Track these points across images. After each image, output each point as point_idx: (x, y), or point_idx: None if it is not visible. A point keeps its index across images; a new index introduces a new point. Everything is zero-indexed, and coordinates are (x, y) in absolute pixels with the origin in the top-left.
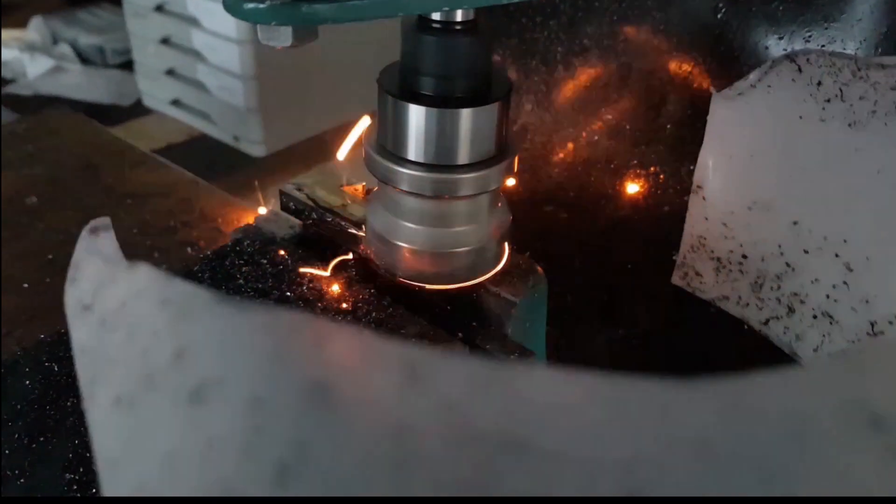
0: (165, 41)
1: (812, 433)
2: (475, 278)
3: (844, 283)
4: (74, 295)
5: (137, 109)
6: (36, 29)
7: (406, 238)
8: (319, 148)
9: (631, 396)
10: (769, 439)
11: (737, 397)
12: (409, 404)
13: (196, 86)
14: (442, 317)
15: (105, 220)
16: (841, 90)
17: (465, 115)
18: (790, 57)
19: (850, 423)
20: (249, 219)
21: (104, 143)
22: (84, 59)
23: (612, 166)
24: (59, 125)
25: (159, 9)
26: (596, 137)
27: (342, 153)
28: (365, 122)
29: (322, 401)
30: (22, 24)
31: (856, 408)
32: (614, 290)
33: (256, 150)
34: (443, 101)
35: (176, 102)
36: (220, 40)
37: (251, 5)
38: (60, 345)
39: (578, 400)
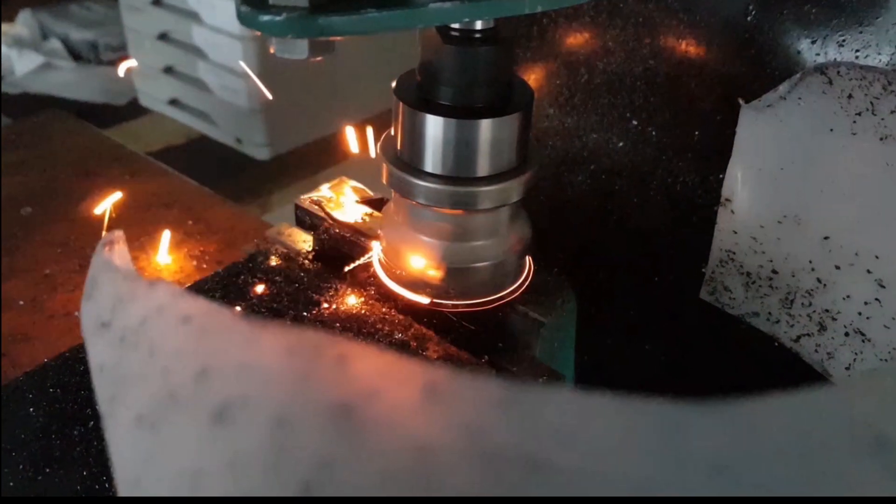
0: (163, 37)
1: (821, 455)
2: (495, 295)
3: (877, 299)
4: (92, 311)
5: (133, 109)
6: (24, 23)
7: (423, 252)
8: (327, 150)
9: (648, 419)
10: (780, 462)
11: (750, 420)
12: (430, 425)
13: (196, 84)
14: (466, 338)
15: (119, 234)
16: (872, 104)
17: (485, 125)
18: (820, 69)
19: (858, 445)
20: (258, 231)
21: (102, 150)
22: (76, 55)
23: (638, 176)
24: (53, 130)
25: (157, 2)
26: (621, 144)
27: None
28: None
29: (345, 421)
30: (10, 17)
31: (864, 430)
32: (641, 305)
33: (260, 152)
34: (462, 111)
35: (174, 102)
36: (222, 36)
37: (267, 17)
38: (65, 369)
39: (597, 422)
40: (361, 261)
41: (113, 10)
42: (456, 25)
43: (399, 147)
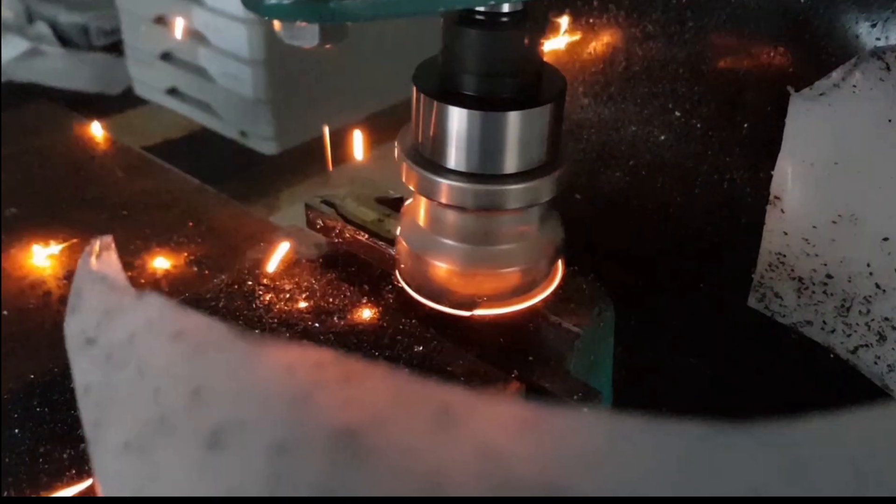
0: (161, 20)
1: (876, 484)
2: (525, 303)
3: None
4: (76, 326)
5: (127, 99)
6: (8, 5)
7: (445, 257)
8: (341, 145)
9: (682, 443)
10: (826, 491)
11: (794, 444)
12: (442, 451)
13: (196, 72)
14: (493, 351)
15: (107, 240)
16: None
17: (513, 118)
18: (877, 54)
19: None
20: (266, 234)
21: (93, 144)
22: (65, 40)
23: (681, 172)
24: (41, 123)
25: None
26: (662, 137)
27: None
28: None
29: (349, 448)
30: None
31: None
32: (684, 313)
33: (267, 146)
34: (488, 102)
35: (173, 91)
36: (226, 19)
37: (273, 1)
38: (55, 386)
39: (626, 447)
40: (378, 267)
41: None
42: (481, 8)
43: (419, 141)
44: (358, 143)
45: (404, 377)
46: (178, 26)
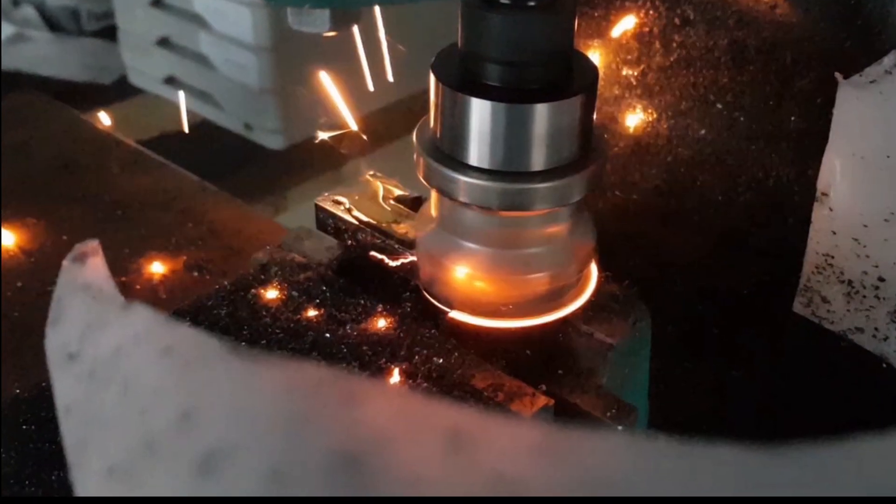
0: (158, 2)
1: None
2: (554, 311)
3: None
4: (57, 340)
5: (121, 89)
6: None
7: (467, 261)
8: (353, 139)
9: (714, 467)
10: None
11: (836, 467)
12: (452, 479)
13: (197, 59)
14: (520, 364)
15: (93, 244)
16: None
17: (541, 110)
18: None
19: None
20: (273, 236)
21: (84, 138)
22: (53, 24)
23: (723, 168)
24: (27, 114)
25: None
26: (702, 132)
27: None
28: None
29: (351, 474)
30: None
31: None
32: (725, 320)
33: (273, 140)
34: (513, 93)
35: (171, 80)
36: (229, 2)
37: None
38: (42, 402)
39: (653, 471)
40: (395, 272)
41: None
42: None
43: (438, 136)
44: (372, 136)
45: (412, 397)
46: (177, 10)
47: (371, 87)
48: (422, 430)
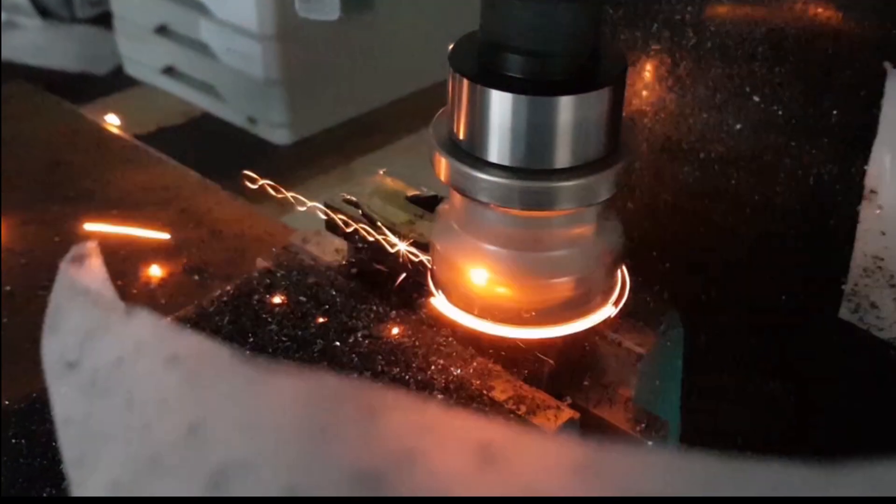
0: None
1: None
2: (579, 319)
3: None
4: (55, 348)
5: (117, 80)
6: None
7: (487, 265)
8: (365, 133)
9: (745, 486)
10: None
11: (871, 487)
12: (481, 495)
13: (197, 48)
14: (543, 374)
15: (91, 245)
16: None
17: (566, 103)
18: None
19: None
20: (279, 237)
21: (77, 132)
22: (44, 11)
23: (760, 166)
24: (16, 106)
25: None
26: (738, 126)
27: None
28: None
29: (372, 492)
30: None
31: None
32: (765, 330)
33: (279, 135)
34: (536, 85)
35: (169, 71)
36: None
37: None
38: (34, 414)
39: (682, 489)
40: (409, 276)
41: None
42: None
43: (456, 131)
44: (385, 131)
45: (437, 409)
46: None
47: (383, 79)
48: (448, 444)
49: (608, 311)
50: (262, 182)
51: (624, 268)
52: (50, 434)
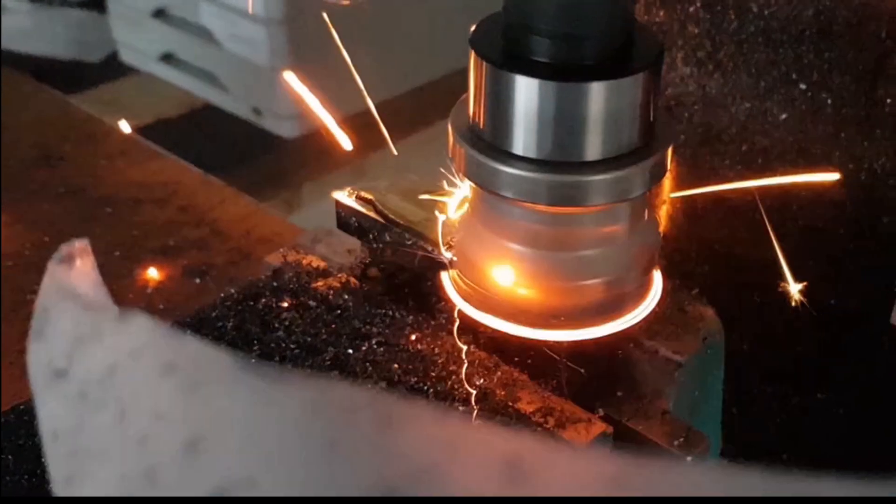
0: None
1: None
2: (612, 323)
3: None
4: (42, 355)
5: (111, 68)
6: None
7: (512, 266)
8: (376, 126)
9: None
10: None
11: None
12: None
13: (198, 34)
14: (573, 384)
15: (81, 245)
16: None
17: (597, 90)
18: None
19: None
20: (286, 237)
21: (69, 124)
22: None
23: (807, 158)
24: (4, 98)
25: None
26: (784, 116)
27: None
28: None
29: None
30: None
31: None
32: (812, 337)
33: (286, 128)
34: (565, 70)
35: (168, 58)
36: None
37: None
38: (19, 427)
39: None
40: (427, 278)
41: None
42: None
43: (478, 121)
44: (401, 122)
45: (458, 422)
46: None
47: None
48: (471, 459)
49: (642, 316)
50: None
51: (659, 269)
52: (35, 448)
